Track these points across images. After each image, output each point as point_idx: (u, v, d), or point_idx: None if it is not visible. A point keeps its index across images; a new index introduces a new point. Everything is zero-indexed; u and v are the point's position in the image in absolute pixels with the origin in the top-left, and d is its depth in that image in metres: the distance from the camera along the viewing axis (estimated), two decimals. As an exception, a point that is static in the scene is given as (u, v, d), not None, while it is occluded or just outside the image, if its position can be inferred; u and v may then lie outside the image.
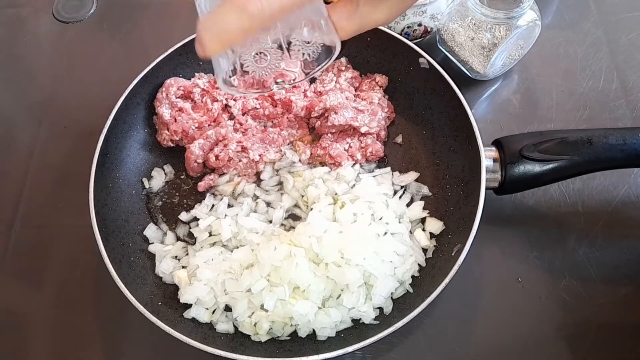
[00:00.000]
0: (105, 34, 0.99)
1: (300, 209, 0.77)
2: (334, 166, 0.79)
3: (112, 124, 0.75)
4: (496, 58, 0.81)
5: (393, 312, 0.68)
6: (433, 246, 0.72)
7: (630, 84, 0.87)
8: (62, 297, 0.75)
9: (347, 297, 0.67)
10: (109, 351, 0.72)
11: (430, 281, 0.67)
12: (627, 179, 0.79)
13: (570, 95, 0.87)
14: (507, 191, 0.72)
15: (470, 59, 0.83)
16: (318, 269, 0.67)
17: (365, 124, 0.78)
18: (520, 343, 0.70)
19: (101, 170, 0.73)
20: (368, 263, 0.67)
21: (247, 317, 0.67)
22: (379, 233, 0.70)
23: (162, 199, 0.79)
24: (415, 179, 0.78)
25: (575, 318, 0.70)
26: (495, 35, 0.78)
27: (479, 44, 0.80)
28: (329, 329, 0.66)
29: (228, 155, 0.78)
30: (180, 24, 0.97)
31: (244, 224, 0.73)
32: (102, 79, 0.92)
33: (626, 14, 0.94)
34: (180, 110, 0.81)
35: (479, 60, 0.82)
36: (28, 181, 0.84)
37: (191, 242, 0.75)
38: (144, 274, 0.72)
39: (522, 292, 0.72)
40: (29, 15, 1.01)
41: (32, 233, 0.80)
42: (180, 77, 0.83)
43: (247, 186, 0.78)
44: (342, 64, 0.85)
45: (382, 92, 0.83)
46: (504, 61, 0.84)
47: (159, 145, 0.82)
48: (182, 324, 0.67)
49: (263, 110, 0.82)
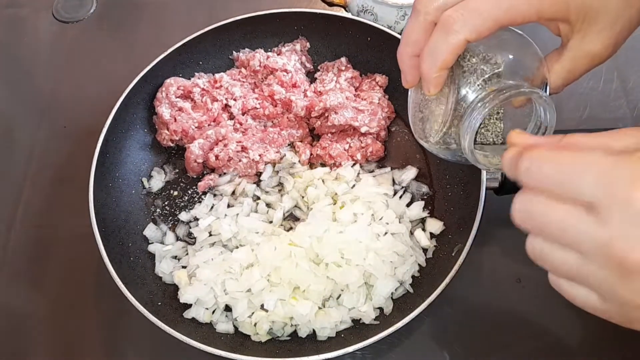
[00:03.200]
0: (105, 33, 0.98)
1: (300, 210, 0.76)
2: (334, 166, 0.79)
3: (112, 123, 0.75)
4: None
5: (393, 312, 0.68)
6: (433, 246, 0.72)
7: (630, 84, 0.87)
8: (61, 297, 0.75)
9: (347, 297, 0.67)
10: (109, 351, 0.72)
11: (430, 281, 0.67)
12: (627, 179, 0.79)
13: (570, 95, 0.87)
14: (507, 191, 0.72)
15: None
16: (318, 269, 0.67)
17: (365, 124, 0.78)
18: (520, 343, 0.70)
19: (101, 170, 0.73)
20: (368, 263, 0.67)
21: (247, 317, 0.67)
22: (379, 233, 0.70)
23: (162, 199, 0.79)
24: (415, 179, 0.78)
25: (575, 318, 0.70)
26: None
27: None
28: (329, 329, 0.66)
29: (228, 155, 0.78)
30: (180, 24, 0.97)
31: (244, 224, 0.73)
32: (102, 78, 0.92)
33: (626, 14, 0.94)
34: (180, 110, 0.81)
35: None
36: (28, 181, 0.84)
37: (191, 242, 0.75)
38: (144, 274, 0.72)
39: (522, 292, 0.72)
40: (29, 15, 1.01)
41: (32, 233, 0.80)
42: (180, 76, 0.83)
43: (248, 186, 0.78)
44: (342, 63, 0.85)
45: (382, 92, 0.83)
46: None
47: (159, 145, 0.82)
48: (182, 324, 0.67)
49: (263, 110, 0.82)
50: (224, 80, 0.83)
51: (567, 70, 0.47)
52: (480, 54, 0.47)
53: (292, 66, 0.83)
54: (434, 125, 0.50)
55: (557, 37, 0.51)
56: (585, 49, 0.46)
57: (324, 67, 0.86)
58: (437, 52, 0.45)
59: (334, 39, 0.85)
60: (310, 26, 0.85)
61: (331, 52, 0.86)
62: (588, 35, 0.46)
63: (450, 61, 0.45)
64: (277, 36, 0.86)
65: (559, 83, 0.48)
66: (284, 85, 0.82)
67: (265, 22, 0.84)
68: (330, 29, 0.84)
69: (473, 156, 0.48)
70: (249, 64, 0.84)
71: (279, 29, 0.85)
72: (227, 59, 0.87)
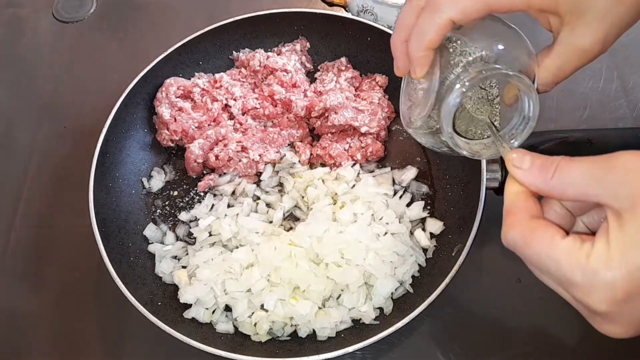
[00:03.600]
0: (105, 34, 0.98)
1: (300, 210, 0.76)
2: (334, 166, 0.79)
3: (112, 123, 0.75)
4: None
5: (393, 312, 0.68)
6: (433, 246, 0.72)
7: (630, 84, 0.87)
8: (61, 297, 0.75)
9: (347, 297, 0.67)
10: (109, 351, 0.72)
11: (430, 281, 0.67)
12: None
13: (570, 95, 0.87)
14: (508, 191, 0.72)
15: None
16: (318, 269, 0.67)
17: (365, 123, 0.78)
18: (521, 343, 0.70)
19: (101, 170, 0.73)
20: (368, 263, 0.67)
21: (247, 317, 0.67)
22: (379, 233, 0.70)
23: (162, 199, 0.79)
24: (415, 179, 0.78)
25: (575, 318, 0.70)
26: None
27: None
28: (329, 329, 0.66)
29: (228, 155, 0.78)
30: (180, 24, 0.97)
31: (244, 223, 0.73)
32: (102, 78, 0.92)
33: (626, 14, 0.94)
34: (180, 110, 0.80)
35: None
36: (28, 181, 0.84)
37: (191, 242, 0.75)
38: (144, 274, 0.72)
39: (522, 292, 0.72)
40: (29, 15, 1.01)
41: (32, 233, 0.80)
42: (180, 76, 0.83)
43: (248, 186, 0.78)
44: (342, 63, 0.85)
45: (382, 92, 0.83)
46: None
47: (159, 145, 0.82)
48: (182, 324, 0.67)
49: (263, 110, 0.82)
50: (224, 80, 0.83)
51: (556, 66, 0.47)
52: (469, 41, 0.48)
53: (292, 66, 0.83)
54: (419, 110, 0.51)
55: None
56: (574, 43, 0.46)
57: (324, 67, 0.86)
58: (423, 31, 0.46)
59: (334, 39, 0.85)
60: (310, 26, 0.85)
61: (331, 52, 0.86)
62: (577, 28, 0.45)
63: (436, 41, 0.46)
64: (277, 36, 0.86)
65: (549, 79, 0.48)
66: (284, 85, 0.82)
67: (265, 22, 0.84)
68: (330, 29, 0.84)
69: (453, 140, 0.48)
70: (249, 64, 0.84)
71: (279, 29, 0.85)
72: (227, 59, 0.87)
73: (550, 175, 0.40)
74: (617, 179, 0.37)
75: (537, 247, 0.40)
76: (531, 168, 0.42)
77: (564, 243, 0.39)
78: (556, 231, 0.40)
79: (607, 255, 0.37)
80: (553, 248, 0.39)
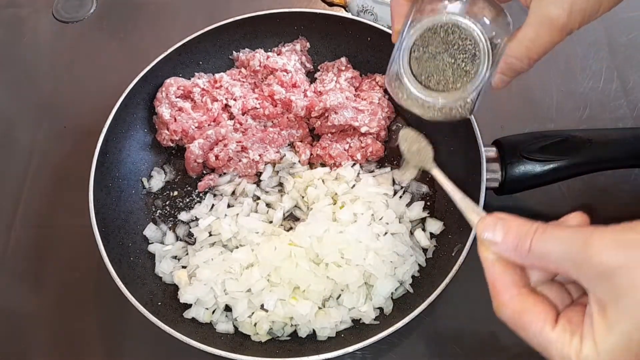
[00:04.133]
0: (105, 34, 0.98)
1: (300, 210, 0.76)
2: (334, 166, 0.79)
3: (112, 123, 0.75)
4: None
5: (393, 312, 0.68)
6: (433, 246, 0.72)
7: (630, 84, 0.87)
8: (62, 297, 0.75)
9: (347, 297, 0.67)
10: (109, 351, 0.72)
11: (430, 281, 0.67)
12: (628, 180, 0.79)
13: (570, 95, 0.87)
14: (507, 191, 0.72)
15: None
16: (318, 269, 0.67)
17: (365, 123, 0.78)
18: (520, 343, 0.69)
19: (101, 170, 0.73)
20: (368, 263, 0.67)
21: (247, 317, 0.67)
22: (379, 233, 0.70)
23: (162, 199, 0.79)
24: (415, 179, 0.78)
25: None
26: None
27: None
28: (329, 329, 0.66)
29: (228, 155, 0.78)
30: (180, 23, 0.97)
31: (244, 224, 0.73)
32: (102, 79, 0.92)
33: (626, 14, 0.94)
34: (180, 110, 0.80)
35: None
36: (28, 181, 0.84)
37: (191, 242, 0.75)
38: (144, 274, 0.72)
39: (522, 292, 0.72)
40: (29, 15, 1.01)
41: (32, 233, 0.80)
42: (180, 76, 0.83)
43: (248, 186, 0.78)
44: (342, 63, 0.85)
45: (382, 91, 0.83)
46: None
47: (159, 145, 0.82)
48: (182, 324, 0.67)
49: (263, 110, 0.82)
50: (224, 80, 0.83)
51: (528, 38, 0.47)
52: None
53: (292, 66, 0.83)
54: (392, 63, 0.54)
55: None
56: (542, 12, 0.46)
57: (324, 67, 0.86)
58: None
59: (334, 39, 0.85)
60: (310, 26, 0.85)
61: (331, 52, 0.86)
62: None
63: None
64: (277, 36, 0.86)
65: (522, 52, 0.48)
66: (284, 85, 0.82)
67: (265, 22, 0.84)
68: (330, 29, 0.84)
69: (409, 83, 0.52)
70: (249, 64, 0.84)
71: (279, 29, 0.85)
72: (227, 59, 0.87)
73: (527, 249, 0.40)
74: (596, 266, 0.36)
75: (530, 332, 0.41)
76: (505, 240, 0.42)
77: (553, 335, 0.39)
78: (545, 317, 0.40)
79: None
80: (543, 337, 0.40)
